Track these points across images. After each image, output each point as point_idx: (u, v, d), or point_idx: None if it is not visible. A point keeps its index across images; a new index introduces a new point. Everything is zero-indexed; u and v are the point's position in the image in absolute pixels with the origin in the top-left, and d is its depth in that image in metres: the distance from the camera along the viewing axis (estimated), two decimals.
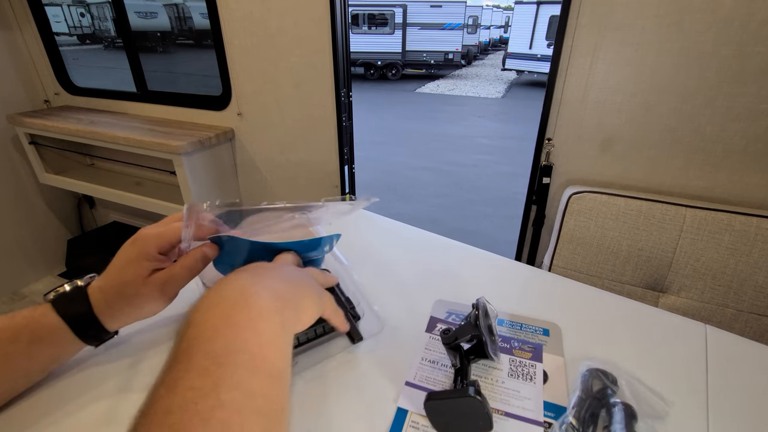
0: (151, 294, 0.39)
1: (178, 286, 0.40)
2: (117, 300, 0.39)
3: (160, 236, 0.40)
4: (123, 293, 0.38)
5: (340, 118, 1.53)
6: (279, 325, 0.29)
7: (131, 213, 2.37)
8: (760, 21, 0.91)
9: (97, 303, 0.38)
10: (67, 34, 6.68)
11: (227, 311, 0.27)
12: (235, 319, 0.27)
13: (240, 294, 0.29)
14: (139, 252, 0.39)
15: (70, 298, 0.39)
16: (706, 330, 0.56)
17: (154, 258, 0.39)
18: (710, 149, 1.05)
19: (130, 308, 0.39)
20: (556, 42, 1.11)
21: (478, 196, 3.97)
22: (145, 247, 0.39)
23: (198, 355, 0.24)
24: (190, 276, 0.40)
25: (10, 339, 0.36)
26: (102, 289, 0.39)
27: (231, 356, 0.24)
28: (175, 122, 1.82)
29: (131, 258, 0.39)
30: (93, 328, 0.38)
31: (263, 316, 0.28)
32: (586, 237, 1.10)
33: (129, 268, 0.39)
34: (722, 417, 0.44)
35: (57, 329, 0.37)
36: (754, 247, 0.95)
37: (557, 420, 0.42)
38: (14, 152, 2.03)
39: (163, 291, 0.39)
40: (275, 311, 0.29)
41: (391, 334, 0.53)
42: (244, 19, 1.51)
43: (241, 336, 0.26)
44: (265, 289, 0.31)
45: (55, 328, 0.37)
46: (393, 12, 10.55)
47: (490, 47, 19.58)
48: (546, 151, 1.23)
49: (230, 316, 0.27)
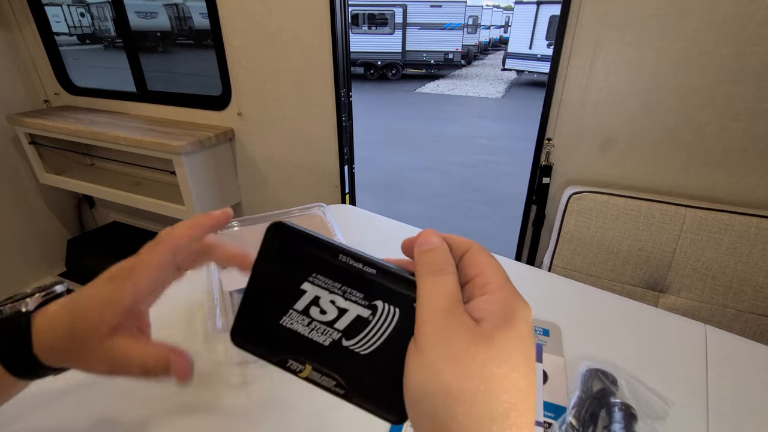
0: (96, 361, 0.29)
1: (125, 373, 0.29)
2: (61, 344, 0.29)
3: (155, 276, 0.29)
4: (72, 340, 0.28)
5: (340, 118, 1.53)
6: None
7: (131, 213, 2.37)
8: (759, 21, 0.91)
9: (41, 341, 0.29)
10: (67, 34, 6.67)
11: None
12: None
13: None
14: (123, 304, 0.28)
15: (4, 327, 0.29)
16: (705, 330, 0.56)
17: (136, 315, 0.29)
18: (710, 149, 1.05)
19: (69, 360, 0.29)
20: (556, 42, 1.11)
21: (477, 196, 3.97)
22: (134, 299, 0.28)
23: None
24: (143, 374, 0.29)
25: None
26: (52, 325, 0.29)
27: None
28: (175, 122, 1.82)
29: (111, 303, 0.28)
30: (29, 366, 0.29)
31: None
32: (586, 237, 1.10)
33: (98, 314, 0.28)
34: (722, 417, 0.44)
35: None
36: (754, 247, 0.95)
37: (557, 420, 0.42)
38: (14, 152, 2.03)
39: (109, 369, 0.29)
40: None
41: None
42: (244, 19, 1.51)
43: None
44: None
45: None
46: (393, 12, 10.55)
47: (490, 47, 19.58)
48: (546, 151, 1.23)
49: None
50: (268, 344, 0.25)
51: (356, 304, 0.24)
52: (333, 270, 0.24)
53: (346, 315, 0.24)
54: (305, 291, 0.24)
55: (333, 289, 0.24)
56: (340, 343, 0.24)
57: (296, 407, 0.45)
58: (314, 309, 0.24)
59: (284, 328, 0.24)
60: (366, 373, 0.24)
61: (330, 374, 0.24)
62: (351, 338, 0.24)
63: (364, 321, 0.23)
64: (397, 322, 0.23)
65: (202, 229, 0.30)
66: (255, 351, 0.25)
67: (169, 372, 0.29)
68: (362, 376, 0.24)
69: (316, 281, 0.24)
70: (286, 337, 0.24)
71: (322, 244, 0.24)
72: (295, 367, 0.24)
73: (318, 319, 0.24)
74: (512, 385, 0.18)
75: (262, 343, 0.25)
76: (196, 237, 0.29)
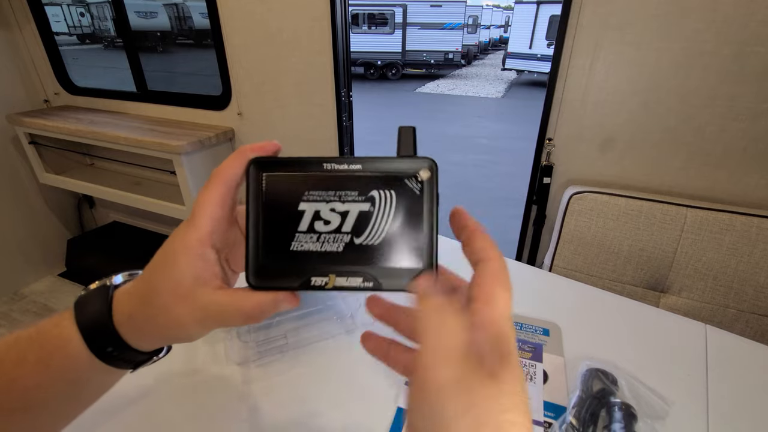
0: (185, 318, 0.26)
1: (226, 324, 0.27)
2: (140, 311, 0.27)
3: (220, 208, 0.26)
4: (149, 303, 0.26)
5: (341, 117, 1.53)
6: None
7: (131, 213, 2.37)
8: (759, 20, 0.90)
9: (120, 310, 0.27)
10: (67, 33, 6.67)
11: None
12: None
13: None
14: (186, 246, 0.26)
15: (89, 300, 0.27)
16: (706, 330, 0.56)
17: (206, 260, 0.26)
18: (710, 149, 1.05)
19: (155, 327, 0.27)
20: (557, 42, 1.11)
21: (478, 196, 3.97)
22: (201, 235, 0.26)
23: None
24: (246, 322, 0.27)
25: (17, 360, 0.27)
26: (129, 293, 0.27)
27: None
28: (175, 122, 1.82)
29: (174, 251, 0.26)
30: (111, 343, 0.27)
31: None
32: (587, 237, 1.10)
33: (165, 268, 0.26)
34: (722, 417, 0.44)
35: (67, 342, 0.26)
36: (755, 248, 0.95)
37: (557, 420, 0.42)
38: (14, 152, 2.03)
39: (203, 322, 0.26)
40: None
41: (391, 333, 0.53)
42: (244, 19, 1.51)
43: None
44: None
45: (65, 341, 0.26)
46: (393, 12, 10.54)
47: (490, 47, 19.57)
48: (546, 151, 1.23)
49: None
50: (285, 275, 0.25)
51: (355, 203, 0.25)
52: (322, 181, 0.25)
53: (349, 216, 0.25)
54: (303, 211, 0.25)
55: (329, 198, 0.25)
56: (353, 243, 0.25)
57: (297, 406, 0.45)
58: (318, 223, 0.25)
59: (296, 252, 0.25)
60: (386, 258, 0.25)
61: (354, 274, 0.25)
62: (361, 234, 0.25)
63: (367, 214, 0.25)
64: (396, 202, 0.25)
65: (248, 155, 0.27)
66: (276, 286, 0.25)
67: (278, 310, 0.27)
68: (384, 261, 0.25)
69: (311, 197, 0.25)
70: (301, 259, 0.25)
71: (304, 161, 0.25)
72: (320, 282, 0.25)
73: (324, 231, 0.25)
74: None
75: (279, 276, 0.25)
76: (242, 165, 0.27)
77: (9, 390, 0.27)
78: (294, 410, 0.45)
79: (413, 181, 0.25)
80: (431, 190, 0.25)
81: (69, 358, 0.27)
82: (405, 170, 0.25)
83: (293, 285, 0.25)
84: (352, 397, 0.45)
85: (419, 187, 0.25)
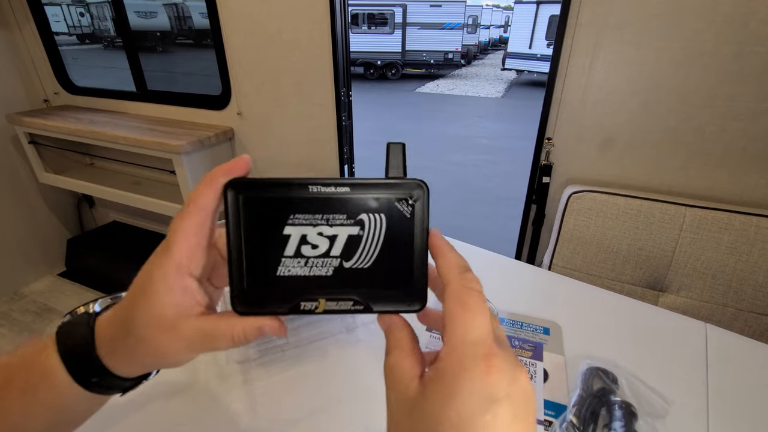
0: (169, 347, 0.26)
1: (212, 349, 0.27)
2: (122, 341, 0.26)
3: (197, 236, 0.26)
4: (130, 333, 0.26)
5: (340, 117, 1.53)
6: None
7: (131, 212, 2.36)
8: (759, 20, 0.91)
9: (103, 341, 0.27)
10: (67, 33, 6.66)
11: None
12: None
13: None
14: (164, 275, 0.25)
15: (71, 329, 0.27)
16: (706, 328, 0.56)
17: (186, 289, 0.25)
18: (710, 149, 1.05)
19: (138, 356, 0.26)
20: (556, 41, 1.11)
21: (477, 196, 3.97)
22: (179, 264, 0.25)
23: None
24: (233, 346, 0.26)
25: (2, 383, 0.27)
26: (110, 322, 0.27)
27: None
28: (175, 122, 1.82)
29: (153, 282, 0.25)
30: (96, 373, 0.26)
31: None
32: (586, 236, 1.10)
33: (145, 299, 0.25)
34: (722, 415, 0.44)
35: (51, 371, 0.26)
36: (753, 247, 0.95)
37: (557, 418, 0.42)
38: (14, 152, 2.03)
39: (189, 349, 0.26)
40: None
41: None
42: (244, 19, 1.51)
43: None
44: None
45: (49, 369, 0.26)
46: (393, 11, 10.54)
47: (490, 47, 19.57)
48: (546, 150, 1.23)
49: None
50: (273, 300, 0.24)
51: (343, 226, 0.24)
52: (309, 204, 0.24)
53: (338, 240, 0.24)
54: (289, 235, 0.24)
55: (316, 222, 0.24)
56: (342, 267, 0.24)
57: (298, 405, 0.45)
58: (305, 247, 0.24)
59: (283, 277, 0.24)
60: (376, 281, 0.24)
61: (344, 298, 0.24)
62: (350, 258, 0.24)
63: (356, 238, 0.24)
64: (386, 225, 0.24)
65: (222, 178, 0.26)
66: (262, 311, 0.25)
67: (263, 335, 0.26)
68: (374, 285, 0.24)
69: (296, 221, 0.24)
70: (289, 284, 0.24)
71: (288, 183, 0.24)
72: (310, 307, 0.24)
73: (312, 255, 0.24)
74: None
75: (266, 302, 0.25)
76: (217, 191, 0.26)
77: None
78: (295, 409, 0.45)
79: (403, 204, 0.24)
80: (422, 212, 0.24)
81: (54, 387, 0.26)
82: (394, 193, 0.24)
83: (282, 310, 0.25)
84: (353, 396, 0.45)
85: (410, 210, 0.24)
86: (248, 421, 0.44)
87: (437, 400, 0.19)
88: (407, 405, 0.20)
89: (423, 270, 0.24)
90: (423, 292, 0.24)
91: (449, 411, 0.19)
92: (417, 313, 0.25)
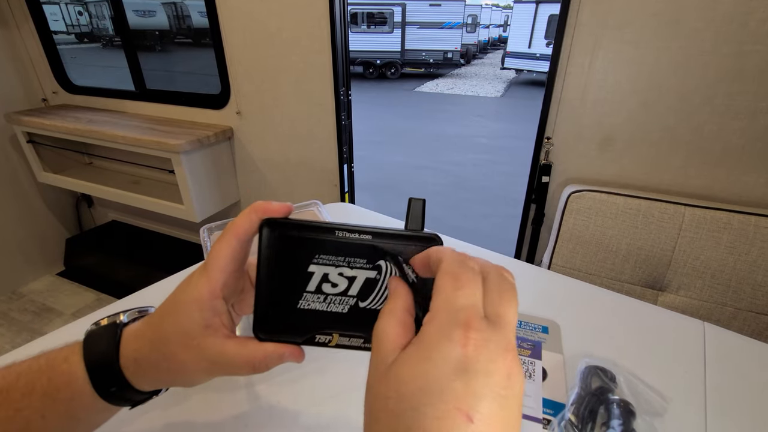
0: (191, 366, 0.27)
1: (231, 373, 0.28)
2: (146, 356, 0.27)
3: (231, 263, 0.27)
4: (156, 349, 0.27)
5: (339, 116, 1.53)
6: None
7: (130, 212, 2.36)
8: (759, 19, 0.91)
9: (127, 353, 0.28)
10: (65, 32, 6.65)
11: None
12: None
13: None
14: (199, 297, 0.26)
15: (98, 338, 0.28)
16: (704, 327, 0.56)
17: (217, 311, 0.27)
18: (709, 148, 1.05)
19: (160, 372, 0.28)
20: (556, 41, 1.11)
21: (477, 195, 3.97)
22: (213, 287, 0.26)
23: None
24: (251, 373, 0.27)
25: (25, 390, 0.27)
26: (137, 336, 0.28)
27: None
28: (174, 121, 1.82)
29: (186, 301, 0.27)
30: (115, 383, 0.27)
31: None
32: (585, 236, 1.11)
33: (176, 316, 0.27)
34: (720, 413, 0.44)
35: (74, 378, 0.27)
36: (752, 246, 0.96)
37: (556, 417, 0.42)
38: (12, 151, 2.02)
39: (209, 371, 0.27)
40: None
41: None
42: (243, 18, 1.50)
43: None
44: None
45: (73, 377, 0.27)
46: (392, 11, 10.53)
47: (489, 46, 19.57)
48: (545, 149, 1.23)
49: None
50: (291, 330, 0.26)
51: (362, 269, 0.26)
52: (334, 246, 0.26)
53: (356, 281, 0.26)
54: (313, 273, 0.26)
55: (338, 263, 0.26)
56: (357, 306, 0.26)
57: (300, 407, 0.45)
58: (326, 285, 0.26)
59: (303, 310, 0.26)
60: None
61: (356, 335, 0.26)
62: (366, 299, 0.26)
63: (373, 281, 0.26)
64: (400, 272, 0.25)
65: (260, 214, 0.28)
66: (281, 339, 0.27)
67: (282, 362, 0.27)
68: None
69: (320, 261, 0.26)
70: (307, 317, 0.26)
71: (318, 227, 0.26)
72: (324, 340, 0.26)
73: (332, 293, 0.26)
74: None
75: (285, 331, 0.27)
76: (254, 224, 0.28)
77: (12, 420, 0.27)
78: (297, 409, 0.45)
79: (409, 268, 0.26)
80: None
81: (74, 394, 0.27)
82: (412, 245, 0.26)
83: (298, 340, 0.27)
84: (355, 396, 0.45)
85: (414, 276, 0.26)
86: (249, 422, 0.44)
87: (410, 363, 0.19)
88: (383, 370, 0.20)
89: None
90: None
91: (418, 375, 0.18)
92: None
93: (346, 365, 0.49)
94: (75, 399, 0.27)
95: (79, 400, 0.27)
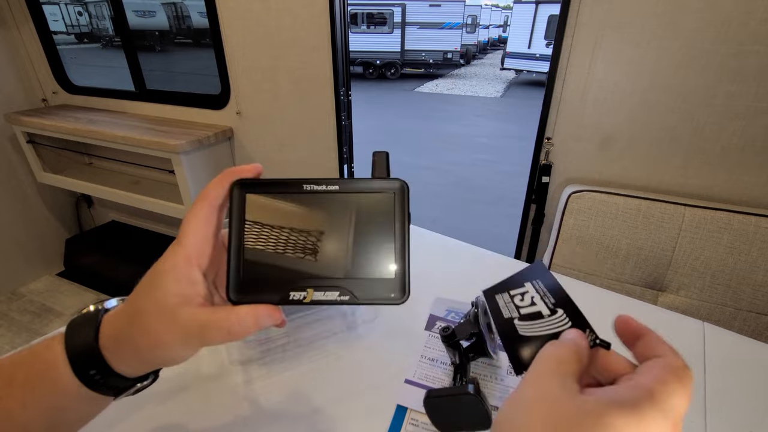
0: (166, 336, 0.26)
1: (209, 342, 0.27)
2: (124, 332, 0.27)
3: (207, 230, 0.27)
4: (132, 323, 0.27)
5: (339, 117, 1.53)
6: None
7: (130, 212, 2.36)
8: (758, 20, 0.91)
9: (106, 333, 0.27)
10: (65, 32, 6.65)
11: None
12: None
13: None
14: (173, 266, 0.26)
15: (80, 324, 0.28)
16: (704, 327, 0.56)
17: (192, 280, 0.27)
18: (709, 148, 1.05)
19: (137, 348, 0.27)
20: (556, 41, 1.11)
21: (477, 195, 3.97)
22: (188, 255, 0.26)
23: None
24: (229, 339, 0.27)
25: (5, 380, 0.27)
26: (115, 315, 0.28)
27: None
28: (174, 121, 1.82)
29: (162, 271, 0.27)
30: (95, 366, 0.26)
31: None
32: (586, 236, 1.11)
33: (151, 288, 0.27)
34: (720, 414, 0.44)
35: (54, 365, 0.26)
36: (752, 246, 0.96)
37: None
38: (12, 151, 2.02)
39: (185, 341, 0.26)
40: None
41: (390, 332, 0.53)
42: (243, 18, 1.50)
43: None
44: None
45: (53, 364, 0.26)
46: (392, 11, 10.53)
47: (489, 46, 19.57)
48: (545, 150, 1.23)
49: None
50: (265, 290, 0.26)
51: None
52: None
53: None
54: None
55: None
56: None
57: (299, 404, 0.45)
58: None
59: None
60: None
61: (330, 287, 0.26)
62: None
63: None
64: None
65: (231, 178, 0.29)
66: (254, 300, 0.26)
67: (260, 327, 0.27)
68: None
69: None
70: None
71: (285, 182, 0.27)
72: (298, 297, 0.26)
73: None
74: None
75: (258, 291, 0.27)
76: (224, 188, 0.28)
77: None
78: (296, 409, 0.45)
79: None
80: (402, 205, 0.26)
81: (54, 382, 0.26)
82: (378, 188, 0.26)
83: (273, 299, 0.26)
84: (354, 395, 0.45)
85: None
86: (249, 422, 0.44)
87: (624, 415, 0.19)
88: (568, 396, 0.21)
89: (404, 262, 0.26)
90: (404, 283, 0.26)
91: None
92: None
93: (347, 365, 0.49)
94: (57, 387, 0.26)
95: (60, 387, 0.26)
